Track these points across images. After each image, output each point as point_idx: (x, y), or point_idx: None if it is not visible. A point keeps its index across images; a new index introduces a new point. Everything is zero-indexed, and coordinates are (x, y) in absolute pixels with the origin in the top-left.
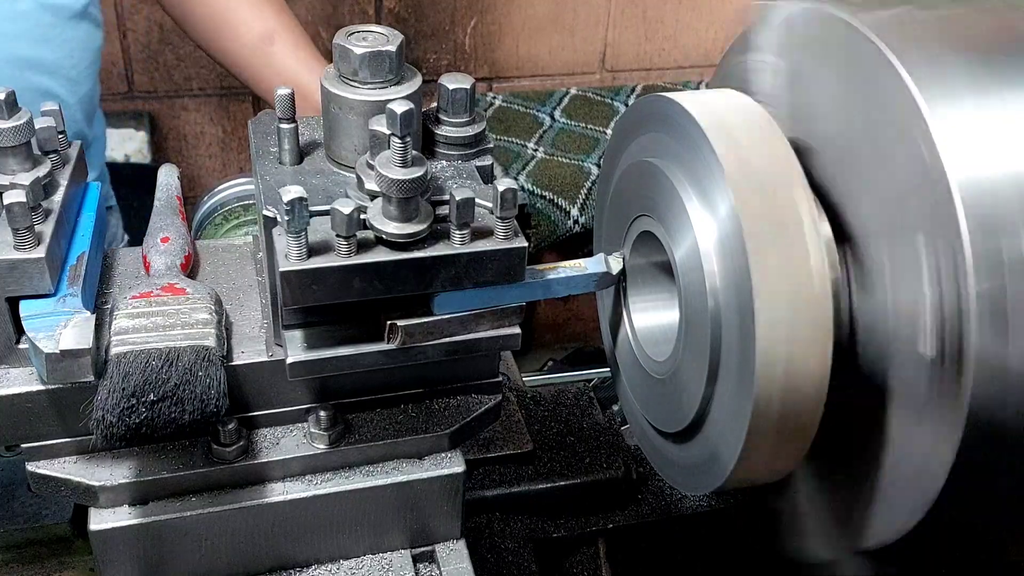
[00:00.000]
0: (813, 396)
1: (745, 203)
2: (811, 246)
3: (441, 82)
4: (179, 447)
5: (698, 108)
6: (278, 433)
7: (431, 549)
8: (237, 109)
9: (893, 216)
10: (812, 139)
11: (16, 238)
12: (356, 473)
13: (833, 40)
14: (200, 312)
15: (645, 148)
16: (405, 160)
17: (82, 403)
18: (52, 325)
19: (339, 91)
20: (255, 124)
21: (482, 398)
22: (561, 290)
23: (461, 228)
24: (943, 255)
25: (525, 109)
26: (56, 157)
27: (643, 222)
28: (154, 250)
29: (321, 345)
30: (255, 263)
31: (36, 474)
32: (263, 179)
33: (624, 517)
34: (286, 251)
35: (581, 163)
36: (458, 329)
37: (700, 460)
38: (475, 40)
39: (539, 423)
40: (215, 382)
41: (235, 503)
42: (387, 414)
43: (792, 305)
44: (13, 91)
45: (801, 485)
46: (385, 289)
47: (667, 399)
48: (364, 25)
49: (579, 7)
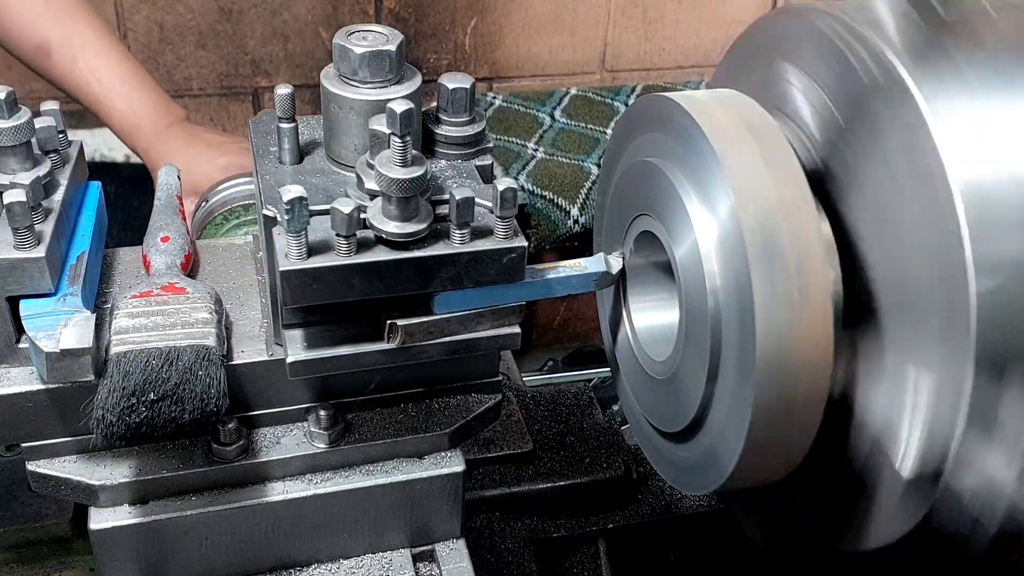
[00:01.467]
0: (813, 396)
1: (745, 203)
2: (811, 245)
3: (441, 82)
4: (179, 446)
5: (697, 108)
6: (278, 432)
7: (431, 548)
8: (237, 109)
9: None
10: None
11: (16, 237)
12: (356, 472)
13: (834, 41)
14: (200, 311)
15: (645, 148)
16: (405, 159)
17: (82, 402)
18: (52, 324)
19: (339, 90)
20: (255, 124)
21: (482, 397)
22: (561, 290)
23: (461, 227)
24: (948, 394)
25: (525, 109)
26: (56, 157)
27: (643, 222)
28: (154, 249)
29: (321, 344)
30: (255, 262)
31: (36, 473)
32: (263, 178)
33: (624, 517)
34: (286, 250)
35: (581, 163)
36: (458, 328)
37: (700, 460)
38: (475, 40)
39: (539, 423)
40: (215, 381)
41: (235, 502)
42: (387, 413)
43: (792, 305)
44: (13, 91)
45: (800, 486)
46: (385, 288)
47: (667, 399)
48: (364, 25)
49: (579, 7)
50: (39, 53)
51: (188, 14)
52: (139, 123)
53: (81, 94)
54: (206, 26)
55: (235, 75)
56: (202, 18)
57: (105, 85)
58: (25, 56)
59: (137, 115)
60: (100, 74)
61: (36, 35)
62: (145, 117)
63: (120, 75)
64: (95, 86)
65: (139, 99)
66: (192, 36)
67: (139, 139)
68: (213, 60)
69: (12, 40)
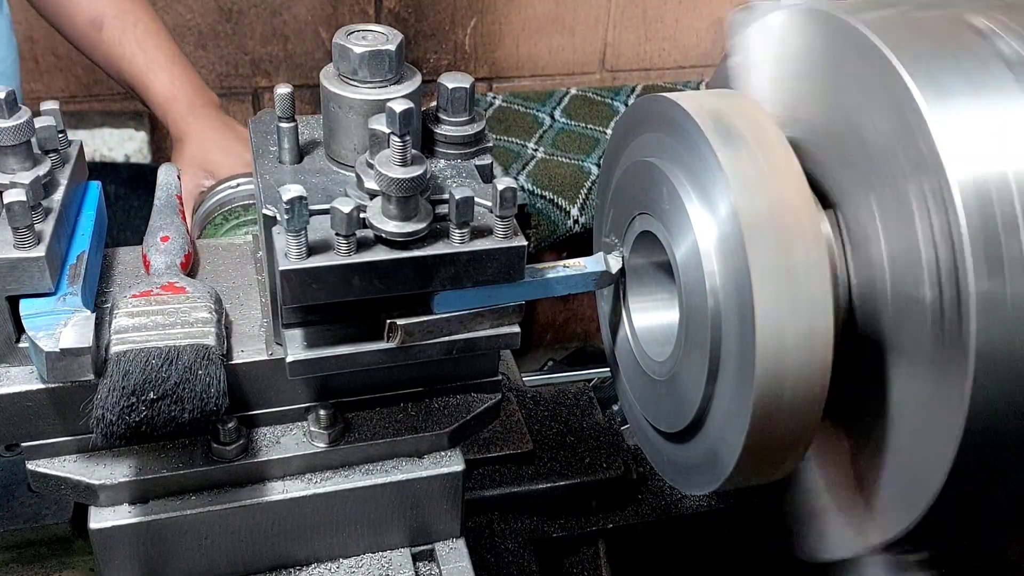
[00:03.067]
0: (814, 395)
1: (745, 203)
2: (811, 245)
3: (440, 81)
4: (179, 446)
5: (697, 108)
6: (278, 432)
7: (431, 547)
8: (237, 109)
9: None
10: (809, 139)
11: (16, 237)
12: (356, 472)
13: (833, 41)
14: (200, 311)
15: (645, 148)
16: (404, 159)
17: (82, 402)
18: (52, 324)
19: (339, 90)
20: (255, 123)
21: (482, 397)
22: (560, 289)
23: (460, 227)
24: (931, 196)
25: (525, 109)
26: (56, 156)
27: (643, 222)
28: (154, 249)
29: (321, 344)
30: (255, 262)
31: (36, 473)
32: (263, 178)
33: (624, 517)
34: (286, 250)
35: (581, 163)
36: (457, 328)
37: (700, 460)
38: (475, 40)
39: (539, 423)
40: (215, 381)
41: (235, 502)
42: (387, 413)
43: (792, 305)
44: (13, 90)
45: (806, 482)
46: (385, 288)
47: (667, 399)
48: (364, 24)
49: (579, 7)
50: (92, 26)
51: (188, 14)
52: (177, 95)
53: (125, 65)
54: (206, 26)
55: (235, 75)
56: (202, 18)
57: (150, 57)
58: (77, 29)
59: (176, 87)
60: (147, 48)
61: (92, 9)
62: (183, 90)
63: (165, 51)
64: (140, 58)
65: (180, 73)
66: (192, 36)
67: (174, 110)
68: (213, 60)
69: (67, 12)
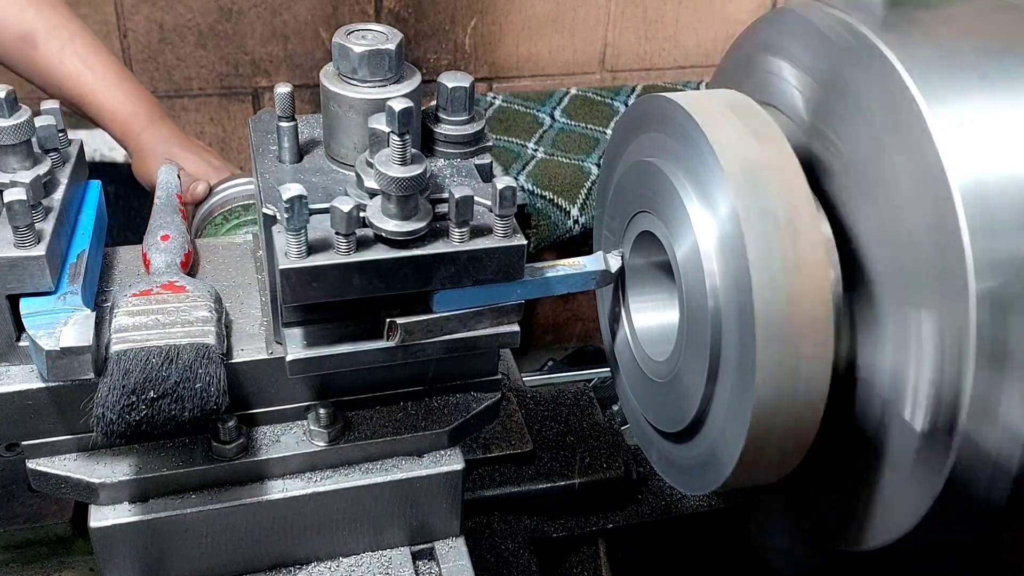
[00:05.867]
0: (813, 396)
1: (745, 203)
2: (811, 245)
3: (440, 80)
4: (179, 444)
5: (697, 108)
6: (278, 430)
7: (430, 546)
8: (237, 109)
9: (904, 275)
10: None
11: (16, 236)
12: (355, 470)
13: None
14: (200, 310)
15: (645, 148)
16: (404, 158)
17: (82, 400)
18: (52, 323)
19: (339, 89)
20: (255, 123)
21: (481, 396)
22: (560, 288)
23: (460, 226)
24: (949, 336)
25: (525, 109)
26: (56, 155)
27: (643, 222)
28: (154, 248)
29: (321, 343)
30: (255, 261)
31: (37, 471)
32: (263, 177)
33: (624, 517)
34: (286, 249)
35: (581, 163)
36: (457, 327)
37: (700, 460)
38: (475, 40)
39: (539, 423)
40: (215, 379)
41: (235, 500)
42: (386, 411)
43: (792, 305)
44: (13, 90)
45: (796, 489)
46: (384, 287)
47: (667, 399)
48: (364, 24)
49: (579, 7)
50: (24, 43)
51: (188, 14)
52: (136, 110)
53: (70, 84)
54: (206, 26)
55: (235, 75)
56: (202, 18)
57: (99, 75)
58: (5, 45)
59: (133, 102)
60: (92, 65)
61: (20, 25)
62: (141, 105)
63: (112, 68)
64: (87, 76)
65: (133, 88)
66: (192, 36)
67: (133, 126)
68: (213, 60)
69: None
